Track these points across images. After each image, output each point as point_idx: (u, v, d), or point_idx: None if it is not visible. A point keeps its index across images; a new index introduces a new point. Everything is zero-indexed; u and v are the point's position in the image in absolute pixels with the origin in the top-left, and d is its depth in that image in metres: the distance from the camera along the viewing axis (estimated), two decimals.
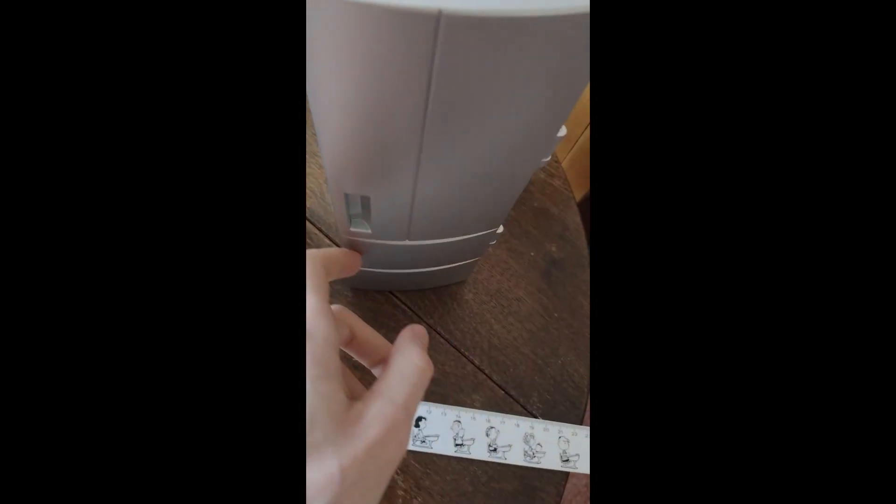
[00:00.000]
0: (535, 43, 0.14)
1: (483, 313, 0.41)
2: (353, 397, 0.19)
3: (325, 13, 0.13)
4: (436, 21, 0.13)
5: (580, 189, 0.82)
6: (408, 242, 0.29)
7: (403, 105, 0.17)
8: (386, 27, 0.13)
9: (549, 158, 0.22)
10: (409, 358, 0.20)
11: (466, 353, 0.40)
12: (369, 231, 0.28)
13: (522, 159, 0.21)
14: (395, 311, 0.40)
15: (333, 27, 0.14)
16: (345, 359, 0.34)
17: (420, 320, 0.40)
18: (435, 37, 0.13)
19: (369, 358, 0.25)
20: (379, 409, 0.18)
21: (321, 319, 0.18)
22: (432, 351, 0.39)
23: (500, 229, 0.32)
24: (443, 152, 0.19)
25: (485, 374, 0.39)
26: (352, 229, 0.28)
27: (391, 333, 0.39)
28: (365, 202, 0.26)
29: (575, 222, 0.47)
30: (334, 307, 0.23)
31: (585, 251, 0.46)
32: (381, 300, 0.40)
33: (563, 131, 0.20)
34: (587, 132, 0.75)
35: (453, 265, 0.36)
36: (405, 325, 0.40)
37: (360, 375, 0.38)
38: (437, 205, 0.25)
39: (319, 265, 0.21)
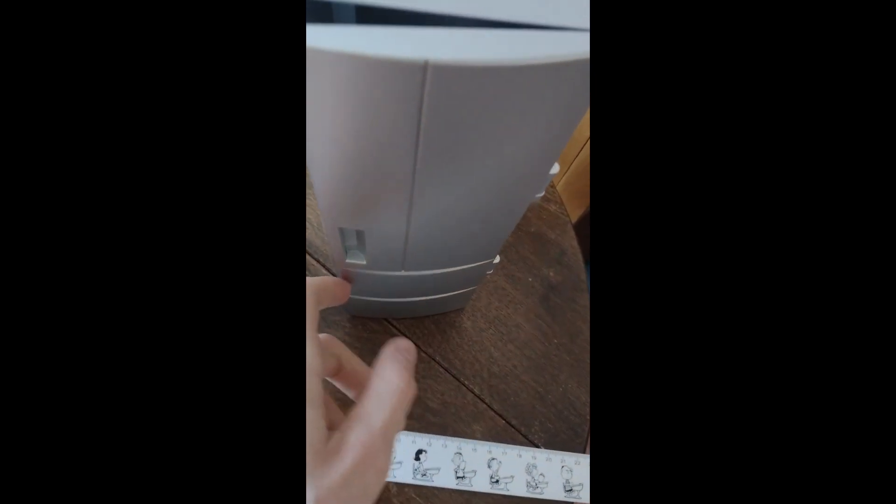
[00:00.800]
0: (519, 90, 0.14)
1: (482, 341, 0.41)
2: (333, 427, 0.19)
3: (316, 61, 0.13)
4: (423, 71, 0.13)
5: (576, 209, 0.83)
6: (403, 273, 0.29)
7: (395, 148, 0.17)
8: (375, 76, 0.14)
9: (542, 193, 0.23)
10: (387, 379, 0.20)
11: (466, 382, 0.39)
12: (364, 262, 0.28)
13: (515, 196, 0.22)
14: None
15: (324, 74, 0.14)
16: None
17: (418, 349, 0.40)
18: (422, 85, 0.14)
19: (356, 389, 0.25)
20: (356, 436, 0.18)
21: (308, 348, 0.18)
22: (431, 381, 0.39)
23: (497, 259, 0.32)
24: (435, 191, 0.19)
25: (485, 403, 0.39)
26: (347, 261, 0.28)
27: None
28: (360, 235, 0.26)
29: (572, 246, 0.47)
30: (322, 336, 0.23)
31: (583, 275, 0.46)
32: (379, 330, 0.40)
33: (555, 168, 0.20)
34: (582, 153, 0.76)
35: (450, 294, 0.36)
36: None
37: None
38: (432, 239, 0.25)
39: (312, 294, 0.21)
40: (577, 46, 0.13)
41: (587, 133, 0.73)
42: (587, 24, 0.13)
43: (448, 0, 0.14)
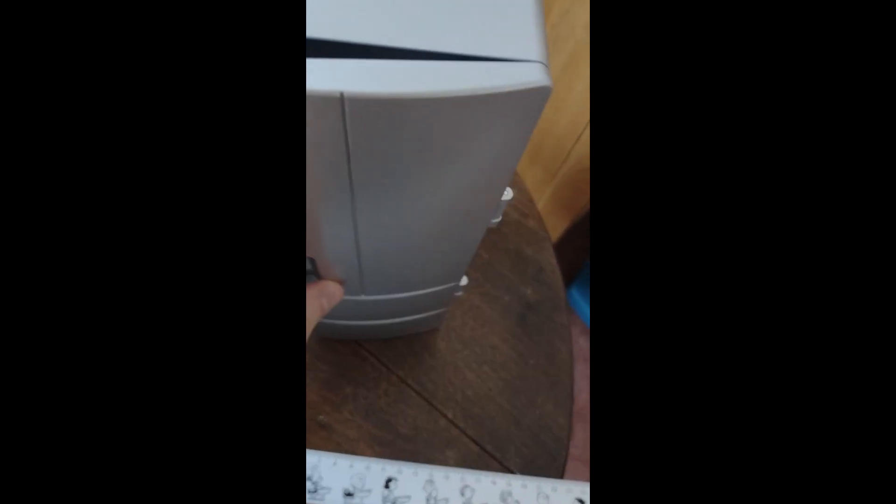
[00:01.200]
0: (439, 121, 0.13)
1: (456, 363, 0.40)
2: None
3: None
4: (340, 102, 0.12)
5: (563, 221, 0.82)
6: (364, 297, 0.28)
7: (330, 177, 0.16)
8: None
9: (499, 219, 0.22)
10: None
11: (439, 407, 0.38)
12: None
13: (467, 222, 0.21)
14: (364, 363, 0.38)
15: None
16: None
17: (390, 372, 0.38)
18: (343, 116, 0.13)
19: None
20: None
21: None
22: (402, 405, 0.37)
23: (464, 281, 0.31)
24: (378, 217, 0.19)
25: (459, 428, 0.37)
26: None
27: (359, 388, 0.38)
28: (312, 261, 0.25)
29: (550, 264, 0.45)
30: None
31: (562, 293, 0.45)
32: (347, 353, 0.38)
33: (508, 194, 0.19)
34: (567, 165, 0.75)
35: (419, 316, 0.35)
36: (373, 378, 0.38)
37: (325, 434, 0.36)
38: (386, 263, 0.24)
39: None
40: (502, 79, 0.12)
41: (569, 146, 0.72)
42: (514, 56, 0.13)
43: (386, 33, 0.13)
